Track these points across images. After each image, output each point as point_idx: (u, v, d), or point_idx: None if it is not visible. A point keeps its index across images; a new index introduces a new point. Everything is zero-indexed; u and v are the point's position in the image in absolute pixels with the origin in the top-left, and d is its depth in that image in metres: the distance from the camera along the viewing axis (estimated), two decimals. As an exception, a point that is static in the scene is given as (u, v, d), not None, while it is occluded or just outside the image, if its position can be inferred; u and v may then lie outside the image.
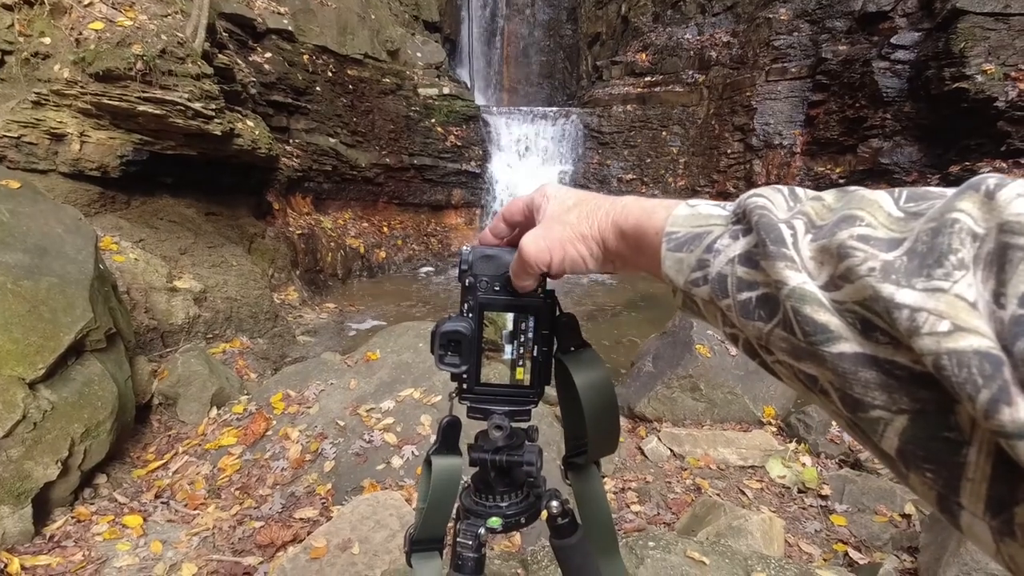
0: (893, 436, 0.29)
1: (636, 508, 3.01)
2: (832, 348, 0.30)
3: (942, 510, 0.28)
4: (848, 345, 0.30)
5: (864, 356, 0.29)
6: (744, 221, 0.39)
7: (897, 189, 0.33)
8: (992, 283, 0.25)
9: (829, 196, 0.37)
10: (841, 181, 9.05)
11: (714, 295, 0.39)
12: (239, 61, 7.58)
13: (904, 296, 0.27)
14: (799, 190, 0.39)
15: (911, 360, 0.28)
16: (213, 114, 5.53)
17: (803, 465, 3.31)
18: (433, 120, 10.97)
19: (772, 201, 0.38)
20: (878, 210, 0.32)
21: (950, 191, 0.30)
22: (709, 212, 0.43)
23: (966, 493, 0.26)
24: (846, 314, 0.30)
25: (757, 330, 0.36)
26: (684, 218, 0.44)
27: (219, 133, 5.64)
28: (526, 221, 0.59)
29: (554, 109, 12.78)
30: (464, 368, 0.60)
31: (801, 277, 0.32)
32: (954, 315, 0.25)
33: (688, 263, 0.41)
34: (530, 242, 0.53)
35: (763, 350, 0.37)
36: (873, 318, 0.29)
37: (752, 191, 0.40)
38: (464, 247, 0.60)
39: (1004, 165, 7.21)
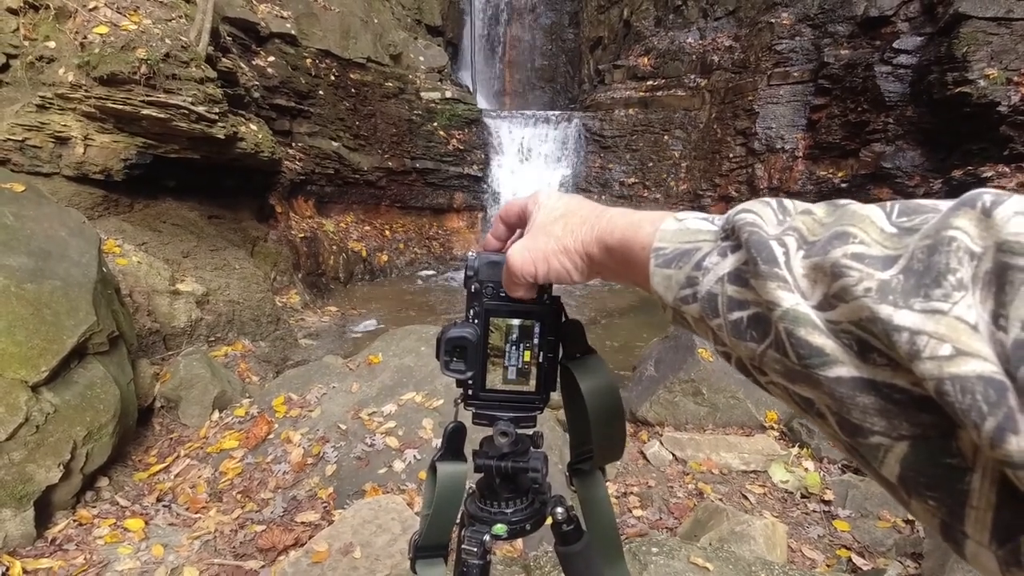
0: (894, 463, 0.28)
1: (638, 513, 3.01)
2: (828, 372, 0.29)
3: (946, 538, 0.27)
4: (845, 369, 0.29)
5: (862, 380, 0.28)
6: (733, 237, 0.38)
7: (889, 203, 0.32)
8: (991, 304, 0.24)
9: (819, 210, 0.36)
10: (844, 185, 9.03)
11: (704, 314, 0.38)
12: (242, 65, 7.61)
13: (903, 318, 0.26)
14: (787, 202, 0.38)
15: (910, 383, 0.27)
16: (216, 118, 5.55)
17: (806, 470, 3.30)
18: (435, 124, 11.00)
19: (761, 216, 0.37)
20: (870, 226, 0.31)
21: (943, 204, 0.29)
22: (698, 227, 0.42)
23: (970, 521, 0.25)
24: (842, 335, 0.29)
25: (750, 351, 0.35)
26: (672, 233, 0.43)
27: (222, 137, 5.66)
28: (522, 224, 0.59)
29: (556, 113, 12.78)
30: (469, 374, 0.60)
31: (794, 298, 0.31)
32: (955, 338, 0.24)
33: (677, 280, 0.40)
34: (515, 253, 0.54)
35: (756, 371, 0.36)
36: (870, 339, 0.28)
37: (740, 206, 0.39)
38: (470, 253, 0.61)
39: (1007, 169, 7.20)
